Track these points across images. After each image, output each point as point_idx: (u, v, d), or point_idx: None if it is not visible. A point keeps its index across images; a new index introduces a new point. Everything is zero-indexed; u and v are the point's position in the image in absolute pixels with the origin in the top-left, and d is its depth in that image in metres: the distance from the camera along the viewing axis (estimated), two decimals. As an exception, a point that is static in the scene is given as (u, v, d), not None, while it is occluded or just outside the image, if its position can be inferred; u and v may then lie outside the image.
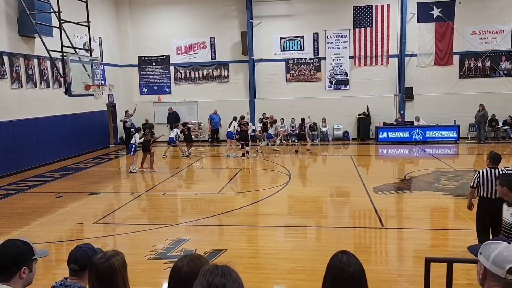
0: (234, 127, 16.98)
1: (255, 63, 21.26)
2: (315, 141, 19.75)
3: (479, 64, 20.00)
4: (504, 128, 19.35)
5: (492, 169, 6.04)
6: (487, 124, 19.05)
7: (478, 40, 19.85)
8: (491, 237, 5.91)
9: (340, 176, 13.00)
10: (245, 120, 17.38)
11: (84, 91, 13.92)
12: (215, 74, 21.83)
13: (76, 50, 14.94)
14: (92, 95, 14.40)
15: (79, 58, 14.37)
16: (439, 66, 20.23)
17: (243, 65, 21.35)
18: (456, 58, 20.12)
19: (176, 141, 16.87)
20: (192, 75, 22.02)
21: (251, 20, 20.75)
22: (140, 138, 14.18)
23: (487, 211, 6.01)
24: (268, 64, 21.25)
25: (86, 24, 14.59)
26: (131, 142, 14.42)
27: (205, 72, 21.87)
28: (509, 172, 5.28)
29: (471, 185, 6.22)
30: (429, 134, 18.94)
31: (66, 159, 16.65)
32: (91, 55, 15.32)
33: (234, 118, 17.45)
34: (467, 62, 20.09)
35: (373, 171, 14.37)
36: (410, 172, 13.20)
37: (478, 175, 6.08)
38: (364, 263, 2.22)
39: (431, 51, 20.21)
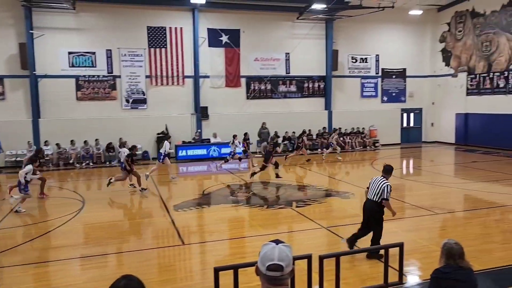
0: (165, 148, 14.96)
1: (38, 79, 18.96)
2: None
3: (262, 87, 22.62)
4: (284, 143, 22.25)
5: (379, 177, 7.03)
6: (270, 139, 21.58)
7: (260, 66, 22.45)
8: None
9: (140, 197, 12.63)
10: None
11: None
12: (-14, 90, 18.54)
13: None
14: None
15: None
16: (230, 88, 22.00)
17: (23, 81, 18.73)
18: (243, 81, 22.25)
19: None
20: (-46, 90, 18.17)
21: (31, 31, 18.46)
22: (32, 174, 11.46)
23: (362, 209, 7.19)
24: (55, 80, 19.24)
25: None
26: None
27: (-28, 87, 18.35)
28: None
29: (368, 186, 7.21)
30: (224, 150, 20.22)
31: None
32: None
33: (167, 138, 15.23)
34: (252, 85, 22.45)
35: (173, 189, 14.43)
36: (208, 187, 13.78)
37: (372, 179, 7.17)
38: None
39: (222, 74, 21.82)
